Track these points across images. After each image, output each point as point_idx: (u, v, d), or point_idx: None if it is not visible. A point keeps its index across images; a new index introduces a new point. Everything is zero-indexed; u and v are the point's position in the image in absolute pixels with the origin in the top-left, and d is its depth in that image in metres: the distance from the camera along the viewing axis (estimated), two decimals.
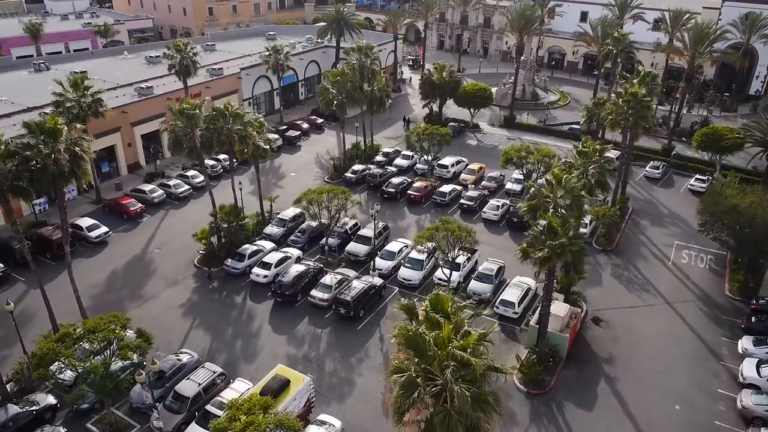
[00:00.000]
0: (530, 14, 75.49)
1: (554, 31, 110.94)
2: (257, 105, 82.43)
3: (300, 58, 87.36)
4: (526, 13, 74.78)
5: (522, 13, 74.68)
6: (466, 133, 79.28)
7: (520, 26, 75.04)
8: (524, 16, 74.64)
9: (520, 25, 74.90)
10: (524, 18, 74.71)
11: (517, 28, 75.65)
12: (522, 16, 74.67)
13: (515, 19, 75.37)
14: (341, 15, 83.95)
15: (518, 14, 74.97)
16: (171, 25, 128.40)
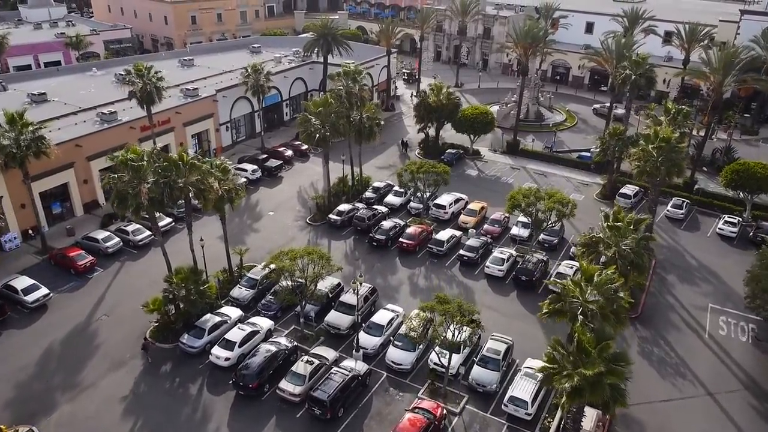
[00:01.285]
0: (537, 32, 67.60)
1: (558, 42, 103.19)
2: (236, 128, 74.55)
3: (284, 76, 79.48)
4: (532, 31, 66.84)
5: (528, 32, 66.77)
6: (466, 160, 71.49)
7: (526, 45, 67.14)
8: (530, 35, 66.76)
9: (526, 43, 67.02)
10: (530, 36, 66.84)
11: (522, 47, 67.75)
12: (528, 35, 66.78)
13: (521, 38, 67.43)
14: (328, 30, 76.03)
15: (523, 32, 67.07)
16: (152, 34, 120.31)
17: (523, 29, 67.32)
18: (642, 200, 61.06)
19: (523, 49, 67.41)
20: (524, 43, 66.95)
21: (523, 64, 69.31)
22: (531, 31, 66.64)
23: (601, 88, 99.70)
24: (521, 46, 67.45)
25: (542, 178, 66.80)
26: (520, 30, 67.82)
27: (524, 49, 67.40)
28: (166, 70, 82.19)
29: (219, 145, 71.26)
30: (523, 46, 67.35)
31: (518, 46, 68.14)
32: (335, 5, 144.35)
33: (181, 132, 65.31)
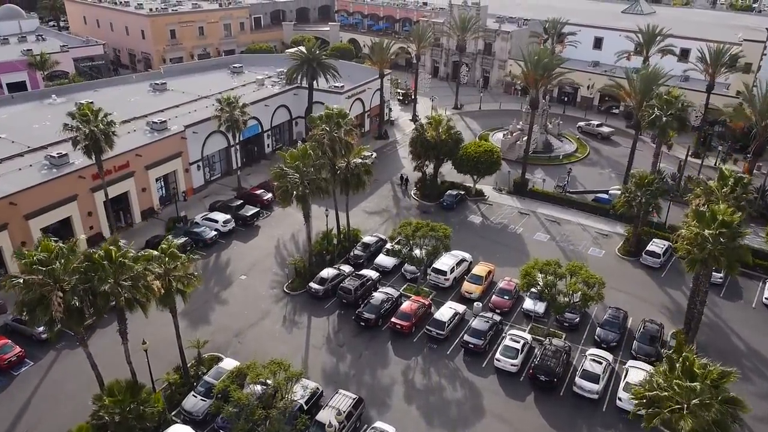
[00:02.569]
0: (549, 62, 58.73)
1: (565, 59, 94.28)
2: (210, 166, 65.65)
3: (265, 104, 70.55)
4: (543, 60, 57.98)
5: (539, 61, 57.91)
6: (467, 203, 62.78)
7: (537, 77, 58.34)
8: (541, 65, 57.92)
9: (537, 75, 58.21)
10: (542, 68, 58.00)
11: (531, 79, 58.94)
12: (539, 65, 57.94)
13: (530, 69, 58.55)
14: (313, 55, 67.09)
15: (533, 61, 58.22)
16: (129, 48, 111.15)
17: (532, 58, 58.43)
18: (672, 257, 52.52)
19: (534, 81, 58.56)
20: (534, 75, 58.08)
21: (533, 97, 60.40)
22: (542, 60, 57.80)
23: (613, 111, 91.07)
24: (531, 77, 58.59)
25: (555, 227, 58.17)
26: (529, 58, 58.89)
27: (534, 81, 58.54)
28: (136, 96, 73.88)
29: (189, 187, 62.40)
30: (532, 78, 58.50)
31: (528, 77, 59.26)
32: (326, 16, 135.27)
33: (143, 177, 56.44)
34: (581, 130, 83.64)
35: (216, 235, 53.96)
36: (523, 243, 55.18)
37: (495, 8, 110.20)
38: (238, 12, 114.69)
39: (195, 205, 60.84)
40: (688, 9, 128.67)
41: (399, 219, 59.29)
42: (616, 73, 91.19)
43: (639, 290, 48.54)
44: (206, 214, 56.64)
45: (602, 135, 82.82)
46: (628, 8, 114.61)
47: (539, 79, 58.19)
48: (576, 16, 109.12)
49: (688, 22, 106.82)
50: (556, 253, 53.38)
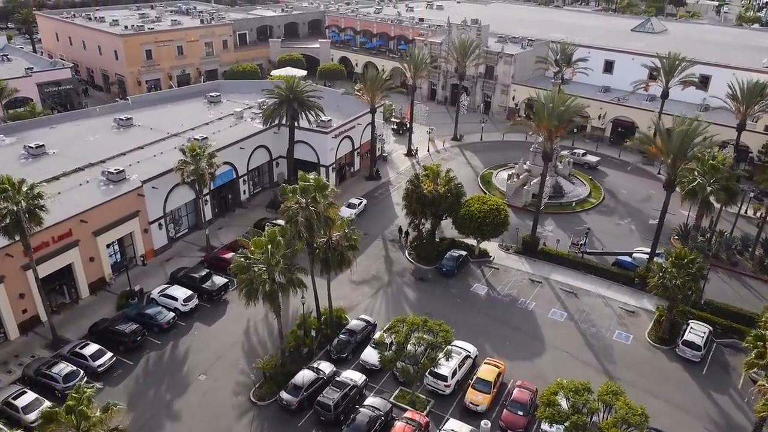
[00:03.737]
0: (568, 108, 49.92)
1: (572, 83, 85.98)
2: (175, 222, 56.75)
3: (240, 147, 61.66)
4: (558, 108, 49.14)
5: (554, 109, 49.10)
6: (470, 266, 54.11)
7: (552, 127, 49.56)
8: (560, 115, 49.10)
9: (552, 125, 49.43)
10: (560, 117, 49.20)
11: (545, 129, 50.15)
12: (553, 114, 49.13)
13: (546, 118, 49.71)
14: (294, 93, 58.13)
15: (546, 109, 49.40)
16: (103, 69, 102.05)
17: (547, 105, 49.64)
18: (713, 345, 44.02)
19: (547, 132, 49.78)
20: (548, 125, 49.30)
21: (547, 149, 51.61)
22: (557, 108, 49.01)
23: (627, 144, 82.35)
24: (544, 128, 49.81)
25: (572, 300, 49.55)
26: (543, 106, 50.05)
27: (548, 132, 49.76)
28: (96, 134, 64.89)
29: (150, 249, 53.52)
30: (546, 128, 49.72)
31: (540, 127, 50.46)
32: (317, 30, 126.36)
33: (90, 245, 47.55)
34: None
35: (174, 318, 45.15)
36: (537, 324, 46.54)
37: (496, 25, 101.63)
38: (220, 29, 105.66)
39: (155, 271, 52.03)
40: (698, 25, 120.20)
41: (392, 289, 50.76)
42: (629, 102, 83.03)
43: (677, 395, 39.92)
44: (165, 288, 47.80)
45: (589, 164, 75.43)
46: (638, 26, 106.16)
47: (554, 130, 49.32)
48: (582, 34, 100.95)
49: (704, 42, 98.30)
50: (575, 338, 44.90)
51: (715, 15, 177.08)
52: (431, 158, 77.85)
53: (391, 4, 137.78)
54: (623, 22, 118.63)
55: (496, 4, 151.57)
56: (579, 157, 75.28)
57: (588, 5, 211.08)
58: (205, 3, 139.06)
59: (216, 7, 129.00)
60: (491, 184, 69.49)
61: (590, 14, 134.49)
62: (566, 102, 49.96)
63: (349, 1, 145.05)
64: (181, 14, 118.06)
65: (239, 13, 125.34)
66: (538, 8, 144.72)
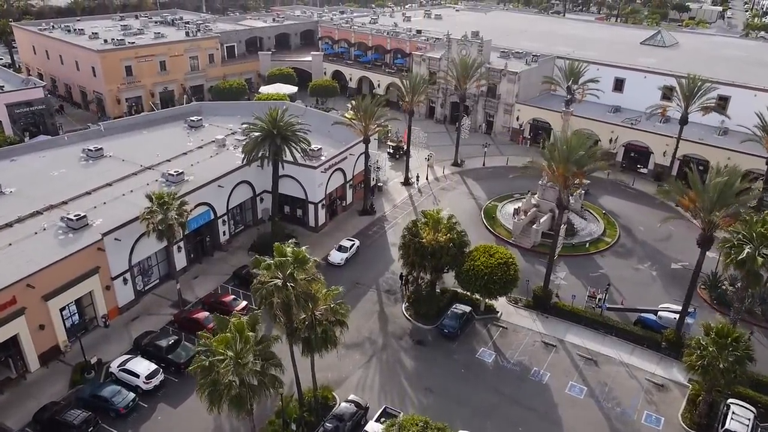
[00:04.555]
0: (586, 152, 43.47)
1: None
2: (144, 273, 50.20)
3: (219, 185, 55.12)
4: (576, 152, 42.67)
5: (571, 152, 42.64)
6: (475, 325, 47.72)
7: (569, 173, 43.07)
8: (575, 159, 42.65)
9: (569, 171, 42.96)
10: (579, 163, 42.74)
11: (561, 176, 43.62)
12: (570, 159, 42.66)
13: (562, 163, 43.23)
14: (278, 127, 51.52)
15: (566, 155, 42.90)
16: (81, 86, 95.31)
17: (561, 149, 43.16)
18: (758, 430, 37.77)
19: (563, 179, 43.31)
20: (564, 172, 42.82)
21: (564, 198, 45.10)
22: (575, 151, 42.57)
23: (640, 170, 76.11)
24: (560, 174, 43.32)
25: (592, 369, 43.23)
26: (559, 149, 43.57)
27: (565, 177, 43.30)
28: (62, 168, 58.27)
29: (113, 308, 46.97)
30: (562, 176, 43.24)
31: (556, 173, 43.96)
32: (310, 41, 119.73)
33: (40, 311, 40.99)
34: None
35: (135, 399, 38.66)
36: (553, 403, 40.19)
37: (497, 38, 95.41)
38: (206, 43, 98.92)
39: (118, 334, 45.50)
40: (709, 36, 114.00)
41: (387, 356, 44.38)
42: (643, 124, 76.72)
43: None
44: (126, 361, 41.24)
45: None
46: (648, 40, 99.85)
47: (571, 177, 42.88)
48: (589, 48, 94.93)
49: (719, 58, 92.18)
50: (598, 422, 38.64)
51: (721, 23, 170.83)
52: (430, 187, 71.61)
53: (388, 13, 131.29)
54: (631, 33, 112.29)
55: (497, 11, 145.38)
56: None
57: (588, 11, 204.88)
58: (193, 13, 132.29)
59: (204, 17, 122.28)
60: (496, 221, 63.12)
61: (595, 24, 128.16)
62: (585, 144, 43.45)
63: (343, 10, 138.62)
64: (167, 25, 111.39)
65: (228, 23, 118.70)
66: (540, 18, 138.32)
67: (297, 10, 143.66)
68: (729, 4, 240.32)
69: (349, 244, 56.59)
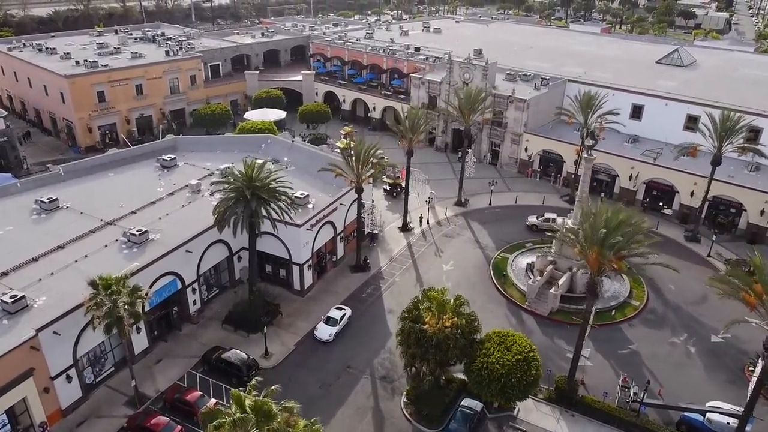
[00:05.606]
0: (624, 241, 35.25)
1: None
2: (95, 364, 41.90)
3: (187, 250, 46.81)
4: (596, 234, 34.47)
5: (609, 236, 34.46)
6: (488, 426, 39.60)
7: (602, 258, 34.90)
8: (617, 246, 34.43)
9: (605, 257, 34.77)
10: (618, 248, 34.57)
11: (594, 260, 35.41)
12: (609, 243, 34.48)
13: (587, 244, 35.09)
14: (254, 186, 43.14)
15: (601, 239, 34.68)
16: (50, 112, 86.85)
17: (597, 230, 34.98)
18: None
19: (596, 263, 35.12)
20: (600, 256, 34.63)
21: (596, 284, 36.91)
22: (614, 236, 34.37)
23: (664, 211, 67.99)
24: (594, 258, 35.12)
25: None
26: (591, 229, 35.39)
27: (598, 265, 35.10)
28: (7, 225, 49.96)
29: (55, 411, 38.72)
30: (595, 259, 35.06)
31: (590, 257, 35.73)
32: (300, 58, 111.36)
33: None
34: (536, 228, 62.70)
35: None
36: None
37: (502, 55, 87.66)
38: (188, 63, 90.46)
39: None
40: (727, 52, 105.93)
41: None
42: (663, 157, 68.60)
43: None
44: None
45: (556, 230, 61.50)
46: (664, 58, 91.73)
47: (603, 260, 34.68)
48: (600, 67, 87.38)
49: (742, 80, 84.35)
50: None
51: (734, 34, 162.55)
52: (431, 233, 63.48)
53: (384, 26, 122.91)
54: (644, 49, 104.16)
55: (498, 23, 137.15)
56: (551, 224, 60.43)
57: (590, 16, 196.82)
58: (176, 27, 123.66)
59: (187, 32, 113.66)
60: (507, 278, 54.98)
61: (603, 38, 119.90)
62: (624, 222, 35.27)
63: (337, 22, 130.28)
64: (147, 42, 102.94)
65: (213, 39, 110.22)
66: (544, 30, 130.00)
67: (288, 21, 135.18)
68: (733, 9, 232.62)
69: (339, 314, 48.37)
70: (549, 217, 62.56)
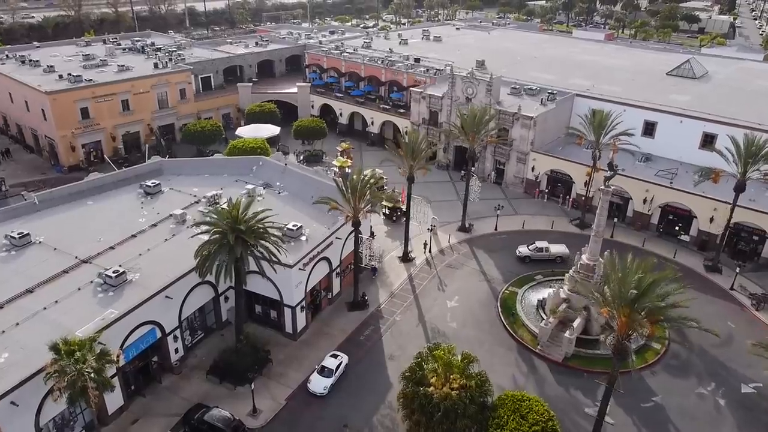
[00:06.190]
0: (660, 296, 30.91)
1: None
2: (63, 428, 37.41)
3: (167, 296, 42.29)
4: (649, 296, 30.14)
5: (641, 300, 30.07)
6: None
7: (633, 320, 30.51)
8: (650, 311, 30.06)
9: (635, 320, 30.38)
10: (651, 314, 30.18)
11: (624, 326, 31.00)
12: (643, 306, 30.10)
13: (614, 304, 30.70)
14: (238, 230, 38.66)
15: (628, 299, 30.30)
16: (32, 128, 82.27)
17: (627, 284, 30.59)
18: None
19: (625, 329, 30.73)
20: (629, 318, 30.27)
21: (617, 346, 32.45)
22: (649, 297, 29.99)
23: (681, 237, 63.60)
24: (623, 324, 30.71)
25: None
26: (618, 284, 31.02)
27: (626, 331, 30.71)
28: None
29: None
30: (624, 326, 30.65)
31: (618, 320, 31.29)
32: (296, 68, 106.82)
33: None
34: (529, 259, 58.38)
35: None
36: None
37: (505, 66, 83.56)
38: (177, 76, 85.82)
39: None
40: (739, 61, 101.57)
41: None
42: (680, 180, 64.29)
43: None
44: None
45: (561, 258, 58.28)
46: (675, 70, 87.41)
47: (635, 325, 30.28)
48: (609, 79, 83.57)
49: (757, 93, 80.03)
50: None
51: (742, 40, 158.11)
52: (434, 263, 59.02)
53: (382, 34, 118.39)
54: (652, 58, 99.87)
55: (500, 30, 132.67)
56: (545, 253, 58.10)
57: (592, 20, 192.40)
58: (167, 36, 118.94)
59: (179, 41, 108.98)
60: (516, 317, 50.53)
61: (608, 46, 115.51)
62: (658, 281, 30.86)
63: (334, 29, 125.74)
64: (136, 53, 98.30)
65: (205, 48, 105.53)
66: (547, 38, 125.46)
67: (283, 29, 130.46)
68: (736, 12, 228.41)
69: (334, 363, 43.88)
70: (541, 247, 58.46)
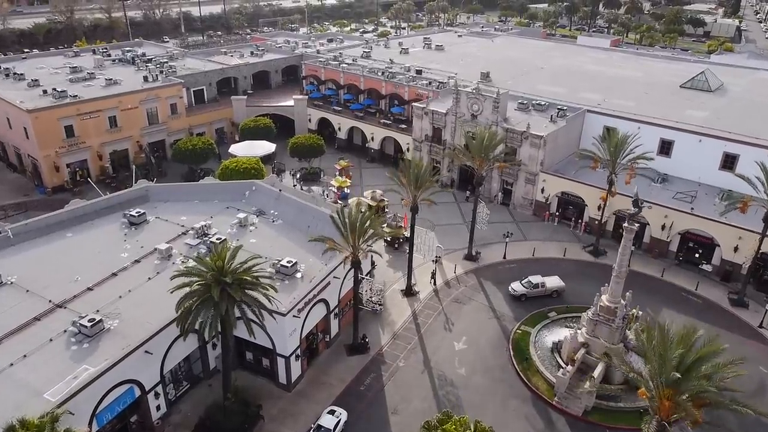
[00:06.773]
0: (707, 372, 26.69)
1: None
2: None
3: (146, 351, 37.90)
4: (693, 374, 25.87)
5: (686, 382, 25.80)
6: None
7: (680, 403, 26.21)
8: (699, 391, 25.83)
9: (680, 401, 26.09)
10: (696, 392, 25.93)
11: (667, 405, 26.72)
12: (688, 387, 25.83)
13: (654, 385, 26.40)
14: (224, 282, 34.33)
15: (667, 376, 26.03)
16: (15, 146, 77.85)
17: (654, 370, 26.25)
18: None
19: (667, 413, 26.45)
20: (674, 397, 25.96)
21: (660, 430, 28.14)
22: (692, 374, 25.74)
23: (702, 266, 59.30)
24: (665, 402, 26.42)
25: None
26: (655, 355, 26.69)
27: (667, 411, 26.43)
28: None
29: None
30: (670, 406, 26.34)
31: (659, 400, 26.99)
32: (293, 78, 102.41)
33: None
34: (525, 297, 53.63)
35: None
36: None
37: (511, 78, 79.25)
38: (167, 91, 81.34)
39: None
40: (753, 71, 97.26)
41: None
42: (701, 204, 60.00)
43: None
44: None
45: (557, 292, 54.11)
46: (689, 83, 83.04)
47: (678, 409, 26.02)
48: (620, 92, 79.84)
49: None
50: None
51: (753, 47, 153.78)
52: (439, 298, 54.69)
53: (382, 43, 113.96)
54: (663, 68, 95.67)
55: (503, 37, 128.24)
56: (540, 289, 53.56)
57: (597, 27, 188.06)
58: (160, 45, 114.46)
59: (171, 51, 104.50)
60: (530, 362, 46.20)
61: (616, 54, 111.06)
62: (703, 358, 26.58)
63: (332, 37, 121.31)
64: (125, 64, 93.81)
65: (198, 58, 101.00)
66: (552, 45, 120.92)
67: (280, 37, 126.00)
68: (741, 15, 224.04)
69: (331, 422, 39.52)
70: (536, 282, 53.87)
